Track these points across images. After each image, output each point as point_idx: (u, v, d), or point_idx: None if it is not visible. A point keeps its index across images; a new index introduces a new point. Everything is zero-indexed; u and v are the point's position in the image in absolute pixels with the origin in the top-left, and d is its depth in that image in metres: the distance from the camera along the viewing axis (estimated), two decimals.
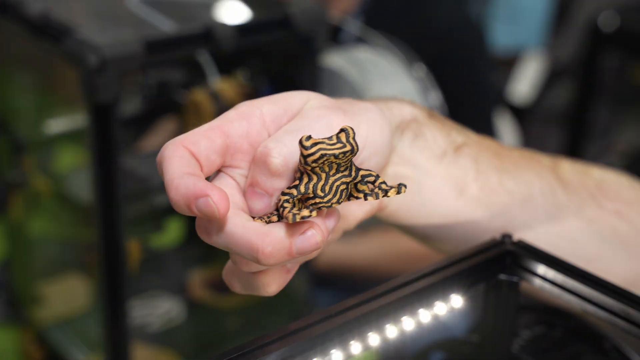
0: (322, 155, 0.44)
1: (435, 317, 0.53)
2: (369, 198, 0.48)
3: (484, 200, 0.66)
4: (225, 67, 1.11)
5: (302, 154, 0.44)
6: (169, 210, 1.12)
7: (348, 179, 0.47)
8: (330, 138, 0.45)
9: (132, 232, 1.09)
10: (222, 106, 1.05)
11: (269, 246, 0.44)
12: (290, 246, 0.45)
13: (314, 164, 0.45)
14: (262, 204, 0.48)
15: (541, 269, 0.55)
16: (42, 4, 1.06)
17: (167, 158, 0.47)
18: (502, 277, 0.55)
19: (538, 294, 0.65)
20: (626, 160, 2.60)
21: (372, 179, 0.49)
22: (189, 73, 1.18)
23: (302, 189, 0.45)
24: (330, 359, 0.47)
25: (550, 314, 0.67)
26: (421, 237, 0.70)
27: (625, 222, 0.73)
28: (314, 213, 0.44)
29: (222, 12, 1.15)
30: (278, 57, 1.11)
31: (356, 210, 0.60)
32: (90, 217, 1.10)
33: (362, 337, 0.49)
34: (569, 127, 2.59)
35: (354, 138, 0.45)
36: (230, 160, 0.49)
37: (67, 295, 1.35)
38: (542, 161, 0.72)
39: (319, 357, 0.47)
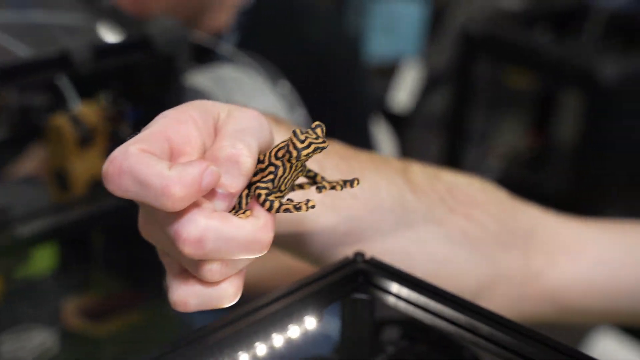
0: (316, 149, 0.45)
1: (289, 341, 0.52)
2: (323, 191, 0.51)
3: (329, 204, 0.66)
4: (87, 90, 1.08)
5: (294, 147, 0.45)
6: (34, 239, 1.09)
7: (302, 174, 0.49)
8: (312, 132, 0.46)
9: None
10: (84, 130, 1.03)
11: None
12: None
13: (304, 158, 0.45)
14: (226, 204, 0.47)
15: (394, 287, 0.55)
16: None
17: (135, 165, 0.44)
18: (356, 295, 0.55)
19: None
20: (505, 162, 2.68)
21: (312, 173, 0.51)
22: (50, 97, 1.15)
23: (276, 182, 0.47)
24: None
25: (412, 327, 0.67)
26: (285, 249, 0.69)
27: (475, 224, 0.74)
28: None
29: (79, 34, 1.12)
30: (140, 79, 1.08)
31: None
32: None
33: None
34: (447, 133, 2.64)
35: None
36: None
37: None
38: (392, 165, 0.73)
39: None
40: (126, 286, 1.35)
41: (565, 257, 0.82)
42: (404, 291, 0.55)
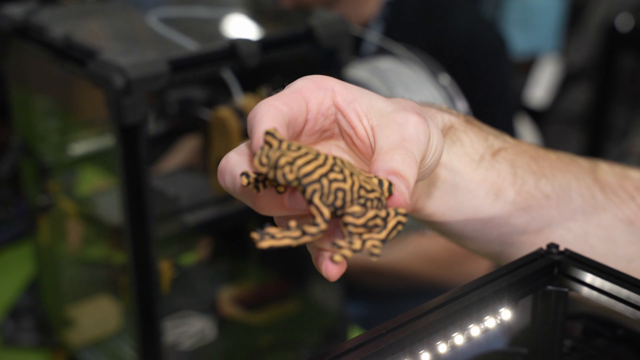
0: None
1: (485, 331, 0.52)
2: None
3: (521, 204, 0.66)
4: (249, 84, 1.10)
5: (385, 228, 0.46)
6: (200, 228, 1.13)
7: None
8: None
9: (163, 252, 1.10)
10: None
11: None
12: None
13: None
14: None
15: (589, 277, 0.54)
16: (65, 27, 1.07)
17: (260, 116, 0.47)
18: (550, 288, 0.55)
19: (584, 303, 0.65)
20: None
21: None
22: (212, 90, 1.18)
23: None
24: None
25: (595, 323, 0.66)
26: (457, 238, 0.71)
27: None
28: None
29: (243, 28, 1.15)
30: (302, 71, 1.08)
31: None
32: (119, 238, 1.11)
33: (413, 355, 0.48)
34: (587, 129, 2.59)
35: None
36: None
37: (98, 318, 1.35)
38: (580, 164, 0.72)
39: None
40: (280, 276, 1.39)
41: None
42: (601, 282, 0.54)
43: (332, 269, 0.47)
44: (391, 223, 0.45)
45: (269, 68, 1.09)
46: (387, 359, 0.46)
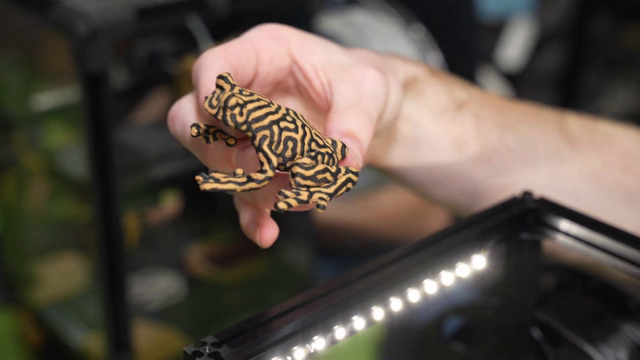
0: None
1: (457, 280, 0.53)
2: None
3: (484, 158, 0.68)
4: (217, 34, 1.11)
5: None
6: (166, 182, 1.15)
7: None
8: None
9: (129, 207, 1.11)
10: None
11: None
12: None
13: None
14: None
15: (565, 225, 0.55)
16: None
17: (205, 66, 0.48)
18: (524, 235, 0.55)
19: (558, 253, 0.67)
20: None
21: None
22: (179, 42, 1.20)
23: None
24: (352, 326, 0.47)
25: (568, 275, 0.68)
26: (418, 190, 0.73)
27: (633, 177, 0.74)
28: None
29: None
30: (271, 22, 1.10)
31: None
32: (85, 194, 1.13)
33: (384, 303, 0.49)
34: (559, 91, 2.62)
35: None
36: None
37: (63, 275, 1.35)
38: (547, 116, 0.74)
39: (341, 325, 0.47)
40: None
41: None
42: (577, 230, 0.55)
43: (265, 232, 0.48)
44: (341, 180, 0.46)
45: (239, 19, 1.12)
46: (356, 306, 0.47)
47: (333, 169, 0.45)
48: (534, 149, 0.71)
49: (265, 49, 0.51)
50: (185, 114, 0.50)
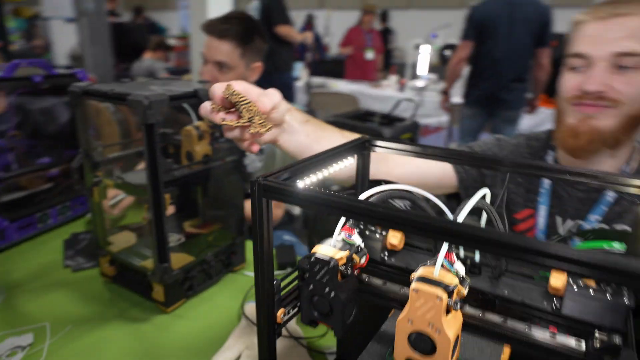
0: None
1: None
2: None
3: (314, 139, 1.22)
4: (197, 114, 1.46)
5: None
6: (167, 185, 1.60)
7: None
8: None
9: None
10: (200, 132, 1.67)
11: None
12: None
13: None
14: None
15: (383, 149, 0.95)
16: (116, 87, 1.46)
17: (217, 86, 0.97)
18: (364, 152, 0.92)
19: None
20: None
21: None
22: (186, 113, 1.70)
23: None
24: None
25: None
26: (295, 156, 1.20)
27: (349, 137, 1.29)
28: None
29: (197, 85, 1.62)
30: None
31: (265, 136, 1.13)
32: (142, 197, 1.48)
33: None
34: None
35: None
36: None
37: (124, 240, 1.80)
38: (334, 128, 1.28)
39: None
40: (214, 219, 1.88)
41: None
42: (382, 149, 0.96)
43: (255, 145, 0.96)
44: (262, 121, 0.91)
45: None
46: None
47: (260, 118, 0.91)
48: (329, 134, 1.25)
49: (254, 90, 0.96)
50: (214, 89, 0.92)
